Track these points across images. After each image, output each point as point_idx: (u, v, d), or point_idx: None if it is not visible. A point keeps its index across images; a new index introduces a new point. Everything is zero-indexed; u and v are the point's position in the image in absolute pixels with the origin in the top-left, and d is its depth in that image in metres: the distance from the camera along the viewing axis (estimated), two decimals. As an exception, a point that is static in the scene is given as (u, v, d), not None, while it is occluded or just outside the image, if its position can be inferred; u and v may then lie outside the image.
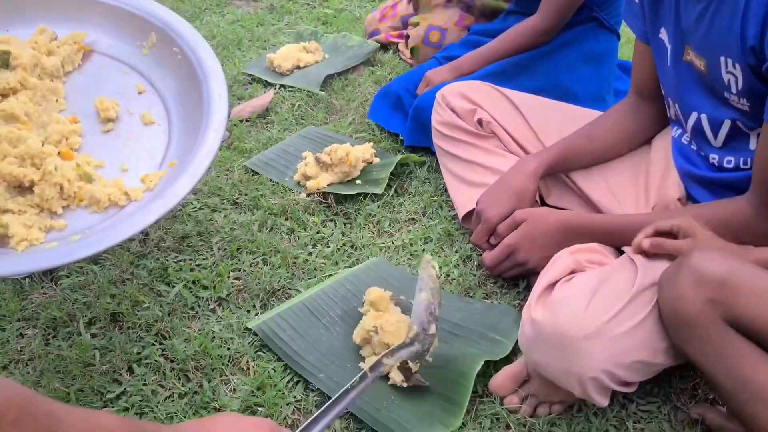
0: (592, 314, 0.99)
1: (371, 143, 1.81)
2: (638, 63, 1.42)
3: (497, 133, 1.55)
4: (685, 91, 1.25)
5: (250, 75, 2.35)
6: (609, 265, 1.10)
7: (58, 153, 1.13)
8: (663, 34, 1.27)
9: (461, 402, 1.13)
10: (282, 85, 2.26)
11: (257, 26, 2.85)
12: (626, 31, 2.09)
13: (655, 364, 1.02)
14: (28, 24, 1.31)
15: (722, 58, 1.11)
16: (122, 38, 1.36)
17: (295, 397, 1.18)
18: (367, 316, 1.27)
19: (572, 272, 1.11)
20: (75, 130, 1.18)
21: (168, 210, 1.04)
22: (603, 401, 1.03)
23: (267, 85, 2.29)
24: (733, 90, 1.12)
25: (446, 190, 1.64)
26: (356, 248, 1.54)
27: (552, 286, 1.08)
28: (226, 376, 1.22)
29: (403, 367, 1.18)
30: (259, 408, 1.16)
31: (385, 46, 2.51)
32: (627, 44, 2.47)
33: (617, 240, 1.24)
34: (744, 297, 0.92)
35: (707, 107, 1.21)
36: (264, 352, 1.27)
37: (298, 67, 2.35)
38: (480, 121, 1.55)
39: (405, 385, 1.18)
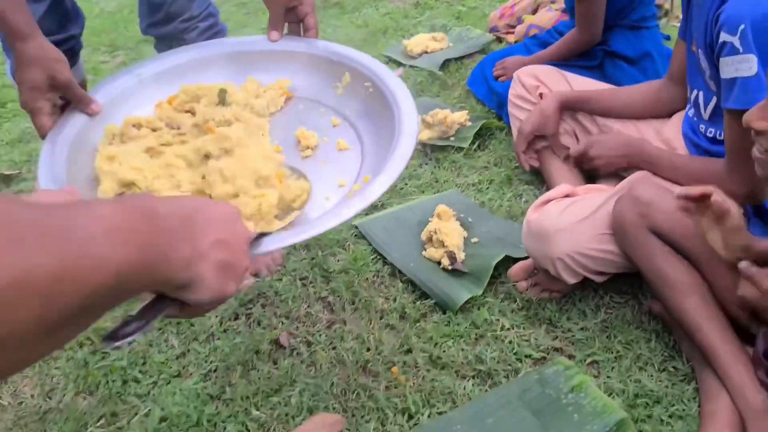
0: (564, 217, 1.42)
1: (467, 111, 2.28)
2: (674, 54, 1.76)
3: None
4: (692, 74, 1.61)
5: (387, 56, 2.88)
6: (589, 195, 1.52)
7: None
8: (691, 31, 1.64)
9: (483, 279, 1.60)
10: (411, 66, 2.77)
11: (403, 18, 3.37)
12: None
13: (605, 259, 1.43)
14: (241, 76, 1.43)
15: (701, 50, 1.48)
16: (319, 82, 1.42)
17: (376, 268, 1.70)
18: (432, 221, 1.76)
19: (567, 196, 1.54)
20: (278, 157, 1.32)
21: (368, 205, 1.04)
22: (570, 279, 1.46)
23: (399, 65, 2.81)
24: (707, 75, 1.48)
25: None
26: (439, 183, 2.02)
27: (548, 203, 1.52)
28: (333, 250, 1.76)
29: (450, 255, 1.66)
30: (351, 270, 1.68)
31: (500, 39, 2.95)
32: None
33: (657, 169, 1.57)
34: (662, 214, 1.31)
35: (702, 87, 1.57)
36: (360, 241, 1.80)
37: (426, 52, 2.85)
38: (541, 96, 1.97)
39: (450, 268, 1.65)
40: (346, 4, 3.69)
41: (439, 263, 1.68)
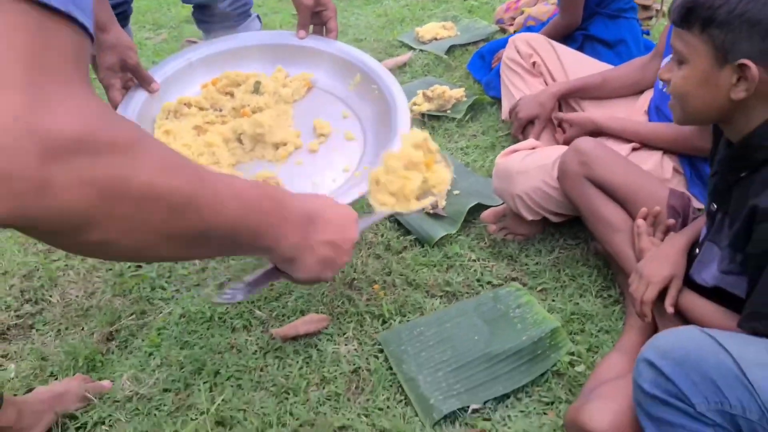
0: (525, 162, 1.67)
1: (464, 89, 2.52)
2: (666, 28, 1.93)
3: (543, 73, 2.20)
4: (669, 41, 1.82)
5: (401, 41, 3.14)
6: (550, 147, 1.76)
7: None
8: None
9: (458, 220, 1.85)
10: (421, 50, 3.02)
11: (419, 10, 3.62)
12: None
13: (558, 200, 1.66)
14: (272, 65, 1.69)
15: None
16: (335, 78, 1.68)
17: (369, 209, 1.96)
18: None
19: (533, 148, 1.78)
20: (298, 141, 1.56)
21: (363, 194, 1.29)
22: (528, 215, 1.69)
23: (410, 49, 3.06)
24: None
25: (502, 119, 2.33)
26: (432, 147, 2.27)
27: (515, 152, 1.76)
28: (334, 195, 2.02)
29: (435, 213, 1.90)
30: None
31: (503, 30, 3.19)
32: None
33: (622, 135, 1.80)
34: (598, 165, 1.55)
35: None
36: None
37: (435, 39, 3.09)
38: (534, 64, 2.21)
39: (431, 212, 1.90)
40: (369, -4, 3.95)
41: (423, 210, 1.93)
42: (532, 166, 1.67)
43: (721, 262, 1.26)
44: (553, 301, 1.63)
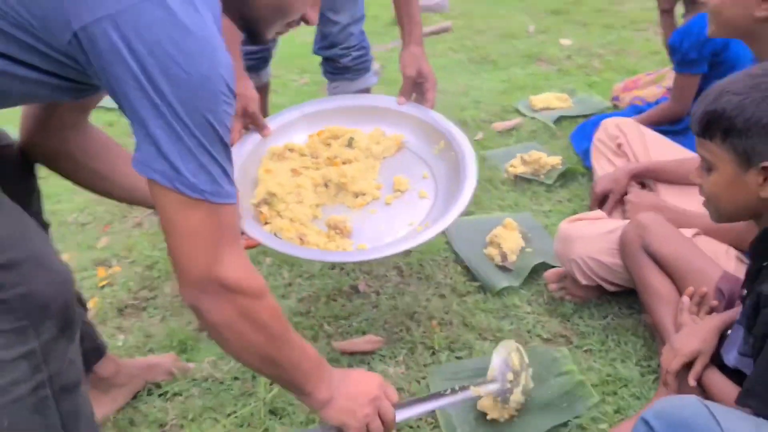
0: (586, 229, 1.78)
1: (561, 157, 2.64)
2: None
3: (627, 153, 2.28)
4: None
5: (515, 107, 3.31)
6: (613, 219, 1.85)
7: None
8: None
9: (522, 275, 1.98)
10: (532, 117, 3.17)
11: (543, 80, 3.77)
12: None
13: (612, 270, 1.75)
14: (371, 124, 1.91)
15: None
16: (423, 141, 1.88)
17: (444, 254, 2.13)
18: (498, 228, 2.15)
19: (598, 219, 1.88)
20: (376, 193, 1.78)
21: (422, 243, 1.58)
22: (581, 279, 1.79)
23: (522, 115, 3.22)
24: None
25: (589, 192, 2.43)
26: (518, 206, 2.41)
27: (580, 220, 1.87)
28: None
29: (502, 254, 2.04)
30: (425, 251, 2.11)
31: (616, 107, 3.26)
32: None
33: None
34: (654, 238, 1.63)
35: None
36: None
37: (548, 108, 3.23)
38: (619, 145, 2.30)
39: (500, 264, 2.04)
40: (500, 62, 4.15)
41: (493, 260, 2.07)
42: (590, 234, 1.77)
43: (740, 344, 1.32)
44: (594, 362, 1.70)
